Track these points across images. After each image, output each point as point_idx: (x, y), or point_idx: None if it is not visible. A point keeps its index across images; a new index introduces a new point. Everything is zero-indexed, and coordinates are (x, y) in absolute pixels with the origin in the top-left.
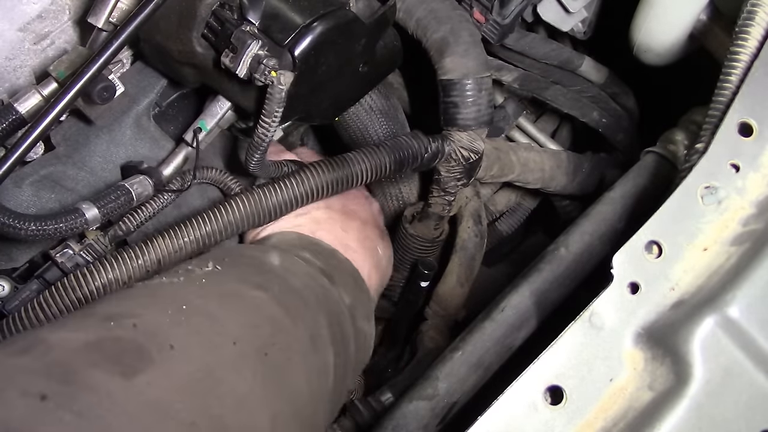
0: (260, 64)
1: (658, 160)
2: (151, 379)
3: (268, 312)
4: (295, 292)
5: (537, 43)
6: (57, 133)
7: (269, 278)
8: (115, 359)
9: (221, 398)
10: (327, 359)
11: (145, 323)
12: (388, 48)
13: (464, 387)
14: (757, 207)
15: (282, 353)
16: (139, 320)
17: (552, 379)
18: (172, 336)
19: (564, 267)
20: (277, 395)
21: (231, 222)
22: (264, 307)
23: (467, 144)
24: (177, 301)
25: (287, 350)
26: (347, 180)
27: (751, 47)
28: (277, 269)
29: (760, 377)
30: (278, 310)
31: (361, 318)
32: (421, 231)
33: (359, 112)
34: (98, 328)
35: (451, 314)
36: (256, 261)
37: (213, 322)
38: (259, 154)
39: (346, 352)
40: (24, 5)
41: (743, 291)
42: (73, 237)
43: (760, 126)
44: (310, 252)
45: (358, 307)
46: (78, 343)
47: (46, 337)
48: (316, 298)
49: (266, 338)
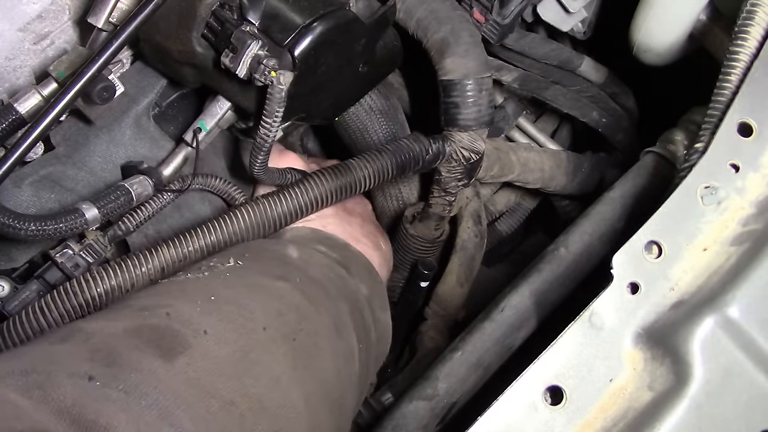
0: (260, 64)
1: (658, 160)
2: (190, 361)
3: (292, 300)
4: (315, 282)
5: (537, 43)
6: (57, 133)
7: (290, 270)
8: (154, 343)
9: (257, 378)
10: (352, 345)
11: (178, 312)
12: (388, 48)
13: (464, 387)
14: (756, 207)
15: (309, 338)
16: (172, 309)
17: (552, 379)
18: (204, 323)
19: (564, 267)
20: (307, 377)
21: (236, 232)
22: (288, 296)
23: (468, 144)
24: (205, 293)
25: (314, 336)
26: (351, 187)
27: (751, 47)
28: (297, 261)
29: (760, 377)
30: (302, 299)
31: (378, 308)
32: (421, 231)
33: (359, 113)
34: (134, 317)
35: (450, 314)
36: (276, 254)
37: (242, 309)
38: (262, 156)
39: (368, 340)
40: (24, 5)
41: (743, 291)
42: (72, 237)
43: (759, 126)
44: (325, 245)
45: (375, 297)
46: (117, 330)
47: (83, 326)
48: (336, 288)
49: (293, 325)
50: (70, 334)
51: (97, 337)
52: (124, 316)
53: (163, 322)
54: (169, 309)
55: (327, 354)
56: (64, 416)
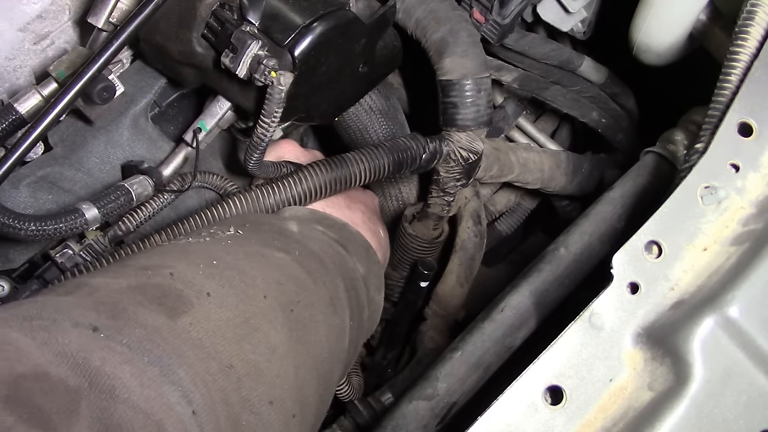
0: (260, 65)
1: (658, 160)
2: (193, 321)
3: (291, 272)
4: (314, 256)
5: (537, 43)
6: (54, 133)
7: (289, 243)
8: (158, 300)
9: (256, 345)
10: (345, 322)
11: (181, 273)
12: (388, 48)
13: (464, 387)
14: (756, 207)
15: (306, 310)
16: (174, 270)
17: (552, 379)
18: (207, 285)
19: (564, 267)
20: (301, 349)
21: None
22: (287, 267)
23: (466, 144)
24: (207, 257)
25: (310, 308)
26: (345, 180)
27: (751, 47)
28: (296, 235)
29: (760, 377)
30: (300, 271)
31: (373, 288)
32: (420, 231)
33: (359, 113)
34: (137, 275)
35: (450, 314)
36: (276, 227)
37: (244, 276)
38: (258, 154)
39: (360, 318)
40: (24, 5)
41: (743, 291)
42: (72, 237)
43: (759, 126)
44: (323, 225)
45: (371, 278)
46: (121, 286)
47: (88, 281)
48: (333, 264)
49: (292, 296)
50: (75, 288)
51: (102, 292)
52: (126, 274)
53: (167, 281)
54: (171, 270)
55: (321, 328)
56: (68, 360)
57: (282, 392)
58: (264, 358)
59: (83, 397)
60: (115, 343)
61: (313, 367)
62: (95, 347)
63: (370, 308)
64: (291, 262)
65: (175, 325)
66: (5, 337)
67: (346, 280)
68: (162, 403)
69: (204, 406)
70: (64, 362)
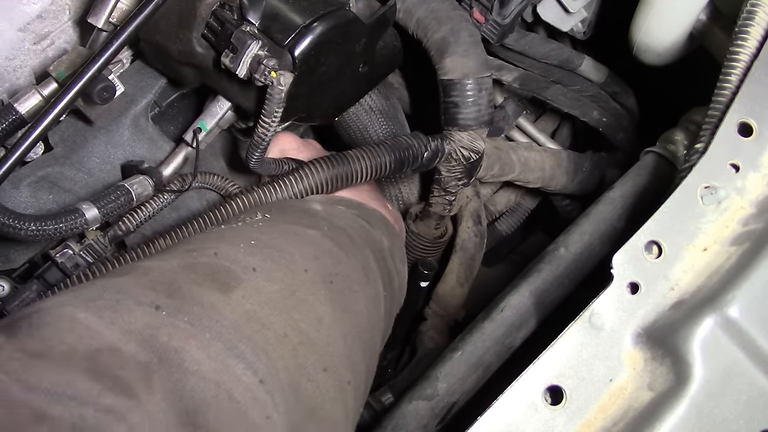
0: (260, 65)
1: (658, 160)
2: (245, 294)
3: (324, 246)
4: (342, 231)
5: (537, 43)
6: (54, 133)
7: (317, 220)
8: (210, 277)
9: (305, 315)
10: (378, 290)
11: (224, 252)
12: (388, 48)
13: (464, 387)
14: (757, 207)
15: (344, 282)
16: (218, 250)
17: (552, 379)
18: (251, 261)
19: (564, 267)
20: (345, 318)
21: None
22: (320, 242)
23: (468, 144)
24: (245, 238)
25: (347, 279)
26: (346, 177)
27: (751, 47)
28: (322, 213)
29: (760, 377)
30: (332, 245)
31: (398, 260)
32: (422, 230)
33: (359, 113)
34: (184, 256)
35: (450, 314)
36: (300, 208)
37: (282, 252)
38: (258, 153)
39: (392, 287)
40: (24, 5)
41: (743, 291)
42: (72, 237)
43: (760, 126)
44: (343, 204)
45: (394, 249)
46: (172, 266)
47: (139, 264)
48: (360, 237)
49: (329, 268)
50: (130, 269)
51: (156, 272)
52: (173, 256)
53: (213, 260)
54: (215, 250)
55: (360, 297)
56: (136, 336)
57: (334, 360)
58: (313, 328)
59: (155, 371)
60: (177, 320)
61: (357, 336)
62: (160, 324)
63: (398, 278)
64: (322, 237)
65: (230, 300)
66: (73, 317)
67: (374, 251)
68: (230, 374)
69: (268, 374)
70: (133, 339)
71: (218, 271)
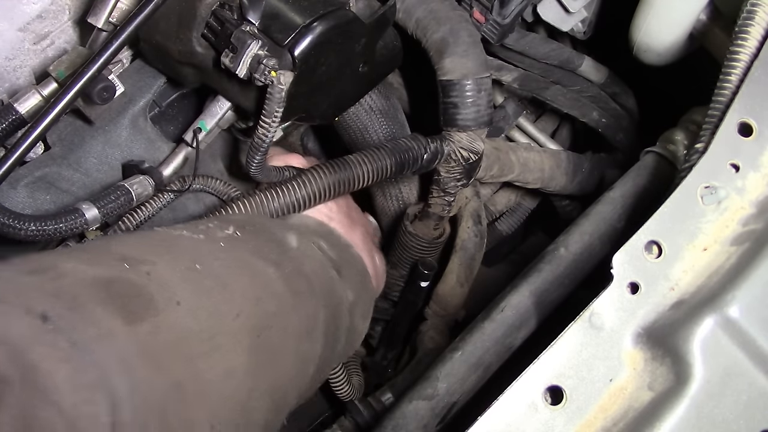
0: (260, 64)
1: (658, 160)
2: (152, 329)
3: (275, 290)
4: (304, 277)
5: (537, 43)
6: (52, 133)
7: (283, 258)
8: (122, 301)
9: (213, 364)
10: (315, 350)
11: (158, 273)
12: (388, 48)
13: (464, 387)
14: (757, 207)
15: (276, 335)
16: (153, 268)
17: (552, 379)
18: (180, 292)
19: (564, 267)
20: (259, 374)
21: None
22: (273, 285)
23: (467, 144)
24: (192, 258)
25: (283, 333)
26: (348, 182)
27: (751, 47)
28: (293, 251)
29: (760, 377)
30: (285, 291)
31: (358, 316)
32: (421, 230)
33: (359, 113)
34: (112, 267)
35: (450, 314)
36: (275, 238)
37: (222, 289)
38: (260, 156)
39: (334, 347)
40: (24, 5)
41: (743, 291)
42: (72, 237)
43: (760, 126)
44: (327, 242)
45: (359, 304)
46: (89, 277)
47: (58, 264)
48: (321, 289)
49: (265, 318)
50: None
51: (68, 279)
52: (101, 263)
53: (141, 280)
54: (150, 267)
55: (288, 354)
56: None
57: (227, 415)
58: (218, 379)
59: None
60: (60, 339)
61: (267, 393)
62: (38, 340)
63: (348, 337)
64: (278, 279)
65: (132, 332)
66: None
67: (328, 307)
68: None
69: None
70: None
71: (138, 295)
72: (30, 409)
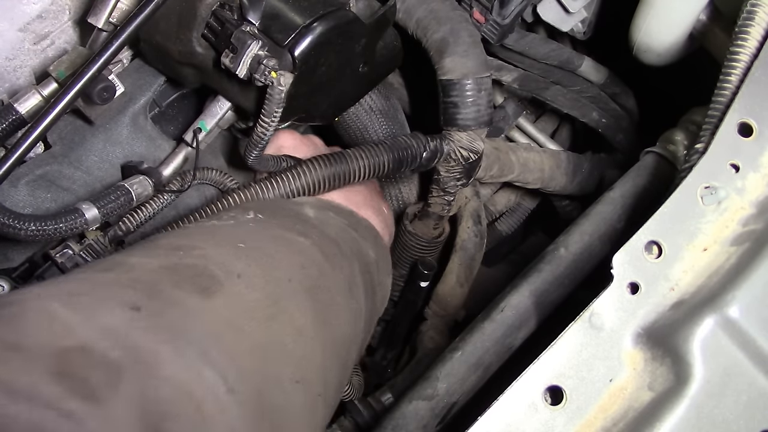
0: (260, 65)
1: (658, 160)
2: (225, 301)
3: (312, 256)
4: (332, 241)
5: (537, 44)
6: (53, 131)
7: (308, 227)
8: (191, 280)
9: (284, 326)
10: (360, 304)
11: (210, 254)
12: (388, 48)
13: (464, 387)
14: (756, 207)
15: (327, 294)
16: (205, 252)
17: (552, 379)
18: (236, 267)
19: (564, 267)
20: (324, 331)
21: None
22: (308, 251)
23: (467, 144)
24: (234, 239)
25: (330, 292)
26: (345, 176)
27: (751, 47)
28: (313, 220)
29: (760, 377)
30: (320, 256)
31: (383, 272)
32: (420, 230)
33: (359, 113)
34: (170, 256)
35: (450, 314)
36: (293, 212)
37: (269, 258)
38: (257, 151)
39: (374, 301)
40: (24, 5)
41: (743, 291)
42: (72, 237)
43: (760, 126)
44: (333, 211)
45: (380, 261)
46: (155, 266)
47: (124, 260)
48: (349, 248)
49: (314, 280)
50: (114, 266)
51: (139, 271)
52: (158, 255)
53: (199, 261)
54: (201, 251)
55: (341, 311)
56: (111, 335)
57: (308, 372)
58: (291, 339)
59: (126, 373)
60: (155, 323)
61: (335, 350)
62: (138, 325)
63: (381, 291)
64: (311, 246)
65: (210, 306)
66: (51, 312)
67: (361, 264)
68: (201, 383)
69: (239, 384)
70: (108, 338)
71: (201, 274)
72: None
